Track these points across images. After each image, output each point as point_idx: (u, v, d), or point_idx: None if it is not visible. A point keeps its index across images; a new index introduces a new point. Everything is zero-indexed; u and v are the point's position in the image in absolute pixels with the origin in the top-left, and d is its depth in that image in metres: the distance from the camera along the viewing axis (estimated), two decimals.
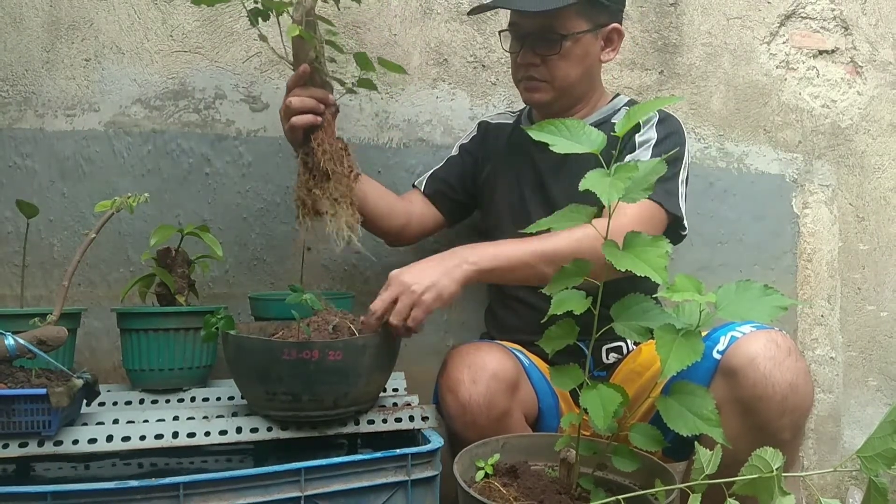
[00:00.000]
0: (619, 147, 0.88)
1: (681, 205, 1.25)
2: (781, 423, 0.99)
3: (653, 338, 0.82)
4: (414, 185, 1.49)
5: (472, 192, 1.49)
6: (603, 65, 1.40)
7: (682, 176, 1.28)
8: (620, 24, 1.36)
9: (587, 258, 0.90)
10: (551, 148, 0.86)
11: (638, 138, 1.29)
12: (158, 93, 1.47)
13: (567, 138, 0.86)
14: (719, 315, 0.81)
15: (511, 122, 1.50)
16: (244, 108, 1.52)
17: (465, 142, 1.52)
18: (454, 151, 1.52)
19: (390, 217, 1.38)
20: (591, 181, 0.82)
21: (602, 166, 0.83)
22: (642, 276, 0.78)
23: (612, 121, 1.36)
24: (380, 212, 1.35)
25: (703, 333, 0.87)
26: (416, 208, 1.44)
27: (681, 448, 1.09)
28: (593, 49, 1.32)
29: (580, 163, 0.84)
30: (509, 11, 1.34)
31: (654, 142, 1.28)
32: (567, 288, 0.89)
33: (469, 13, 1.39)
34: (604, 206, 0.83)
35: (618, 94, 1.44)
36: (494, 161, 1.45)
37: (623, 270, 0.79)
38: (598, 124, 1.33)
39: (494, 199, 1.44)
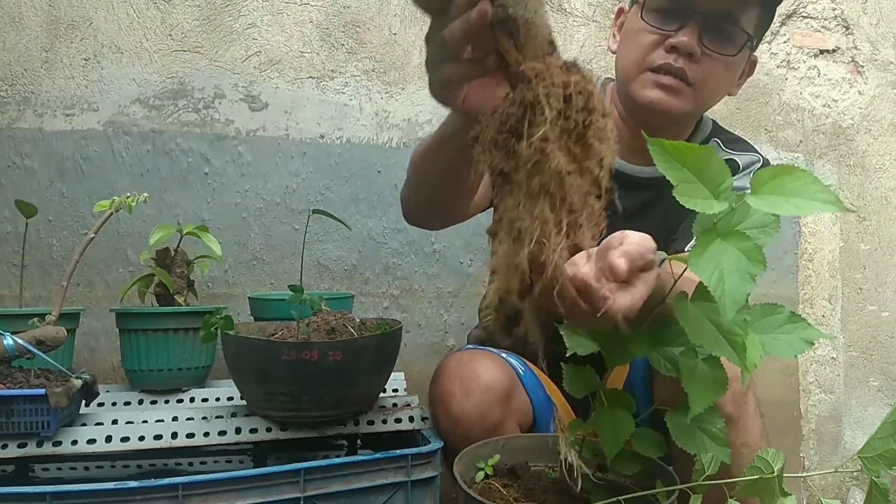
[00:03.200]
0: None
1: None
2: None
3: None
4: None
5: None
6: None
7: None
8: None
9: None
10: (676, 193, 0.60)
11: (734, 182, 1.13)
12: (157, 92, 1.47)
13: (692, 175, 0.60)
14: None
15: None
16: (243, 107, 1.51)
17: None
18: None
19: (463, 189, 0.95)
20: (703, 247, 0.61)
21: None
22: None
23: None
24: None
25: None
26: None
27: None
28: (739, 70, 1.07)
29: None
30: None
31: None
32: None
33: None
34: None
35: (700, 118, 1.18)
36: None
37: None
38: None
39: None
